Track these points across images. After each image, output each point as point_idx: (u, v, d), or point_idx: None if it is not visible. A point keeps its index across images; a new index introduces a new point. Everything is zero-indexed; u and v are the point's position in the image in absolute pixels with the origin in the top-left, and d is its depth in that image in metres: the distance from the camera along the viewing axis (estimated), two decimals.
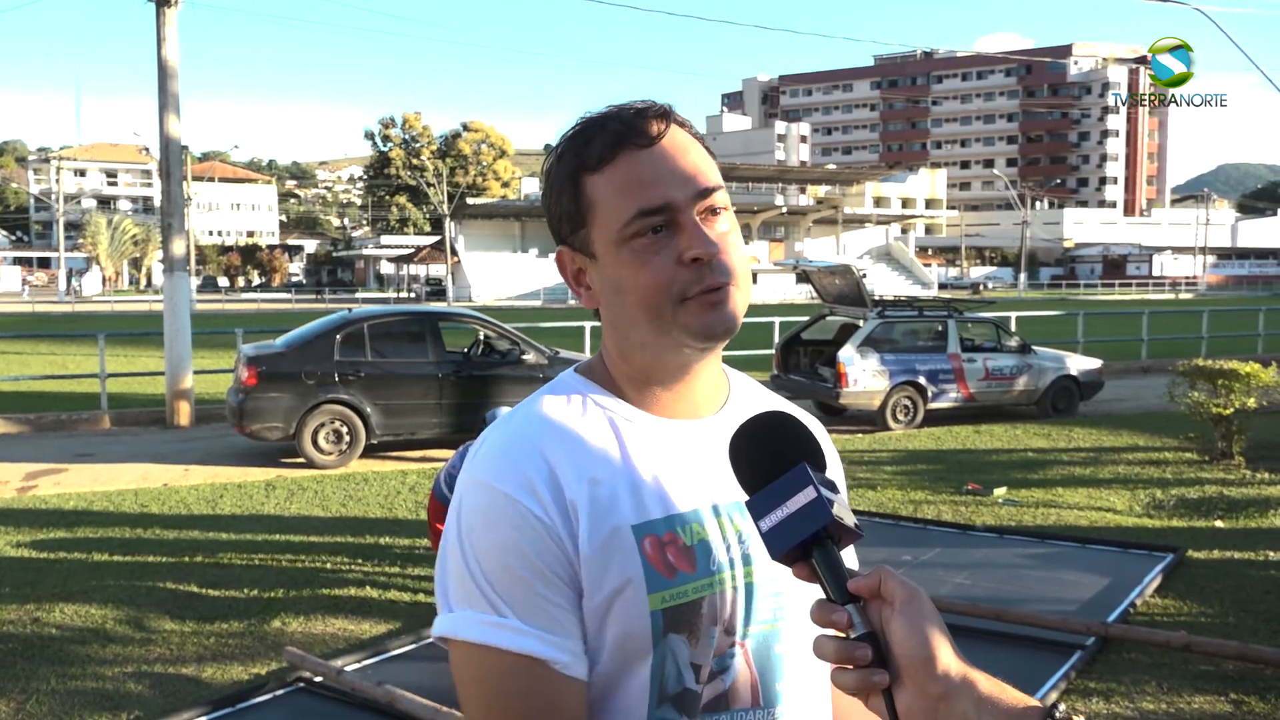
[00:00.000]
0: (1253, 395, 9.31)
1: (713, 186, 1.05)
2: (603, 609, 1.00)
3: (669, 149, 1.04)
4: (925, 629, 0.82)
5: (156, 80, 12.95)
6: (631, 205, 1.02)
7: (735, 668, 1.05)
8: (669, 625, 1.01)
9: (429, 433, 10.52)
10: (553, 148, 1.10)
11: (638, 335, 1.07)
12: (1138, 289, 75.76)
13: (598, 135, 1.05)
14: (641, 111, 1.06)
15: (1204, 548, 6.56)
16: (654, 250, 1.02)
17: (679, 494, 1.05)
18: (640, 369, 1.09)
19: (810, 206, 71.31)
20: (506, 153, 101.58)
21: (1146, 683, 4.37)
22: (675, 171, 1.03)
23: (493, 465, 1.02)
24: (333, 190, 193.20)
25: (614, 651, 1.02)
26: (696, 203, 1.03)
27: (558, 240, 1.11)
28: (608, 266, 1.06)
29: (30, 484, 9.13)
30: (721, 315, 1.03)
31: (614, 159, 1.04)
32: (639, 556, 1.00)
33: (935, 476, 9.02)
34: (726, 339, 1.06)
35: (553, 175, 1.09)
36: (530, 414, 1.08)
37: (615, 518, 1.01)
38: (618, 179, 1.03)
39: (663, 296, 1.02)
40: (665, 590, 1.01)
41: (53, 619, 5.30)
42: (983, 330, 13.72)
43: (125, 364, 17.54)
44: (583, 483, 1.01)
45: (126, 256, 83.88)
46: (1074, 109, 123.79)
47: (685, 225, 1.03)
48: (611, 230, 1.04)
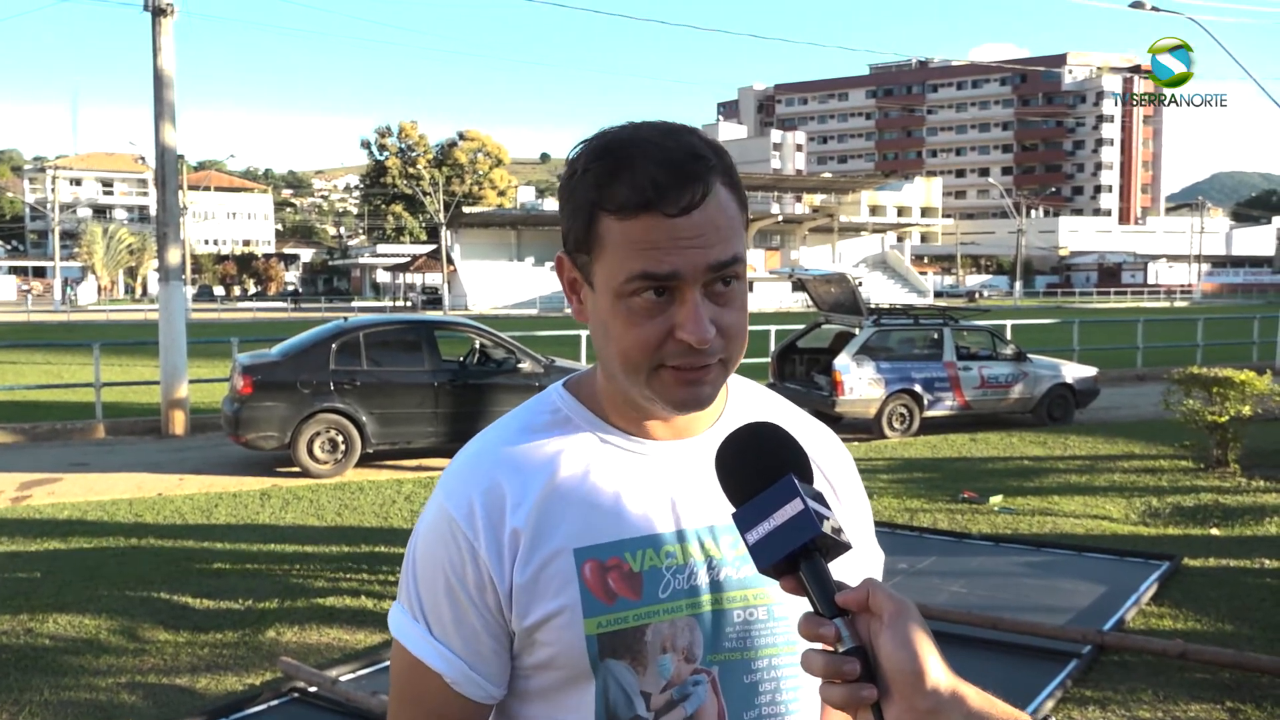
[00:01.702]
0: (1248, 403, 9.31)
1: (729, 259, 0.99)
2: (535, 631, 1.03)
3: (696, 218, 0.98)
4: (914, 643, 0.81)
5: (152, 89, 12.95)
6: (637, 265, 0.98)
7: (699, 696, 1.04)
8: (606, 650, 1.01)
9: (425, 442, 10.51)
10: (576, 157, 1.03)
11: (616, 378, 1.05)
12: (1133, 297, 75.89)
13: (625, 179, 0.97)
14: (682, 171, 0.97)
15: (1200, 556, 6.55)
16: (648, 315, 0.99)
17: (636, 518, 1.04)
18: (624, 396, 1.08)
19: (806, 215, 71.39)
20: (503, 161, 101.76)
21: (1142, 691, 4.37)
22: (695, 241, 0.97)
23: (449, 481, 1.08)
24: (329, 199, 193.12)
25: (550, 673, 1.04)
26: (708, 275, 0.99)
27: (564, 247, 1.07)
28: (602, 309, 1.03)
29: (25, 494, 9.11)
30: (695, 394, 1.02)
31: (634, 215, 0.97)
32: (577, 581, 1.02)
33: (931, 485, 9.02)
34: (698, 411, 1.05)
35: (571, 193, 1.03)
36: (499, 431, 1.11)
37: (558, 541, 1.02)
38: (633, 234, 0.98)
39: (642, 359, 1.00)
40: (603, 615, 1.01)
41: (46, 629, 5.27)
42: (978, 338, 13.74)
43: (120, 373, 17.52)
44: (530, 505, 1.03)
45: (122, 265, 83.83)
46: (1069, 117, 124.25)
47: (687, 301, 0.98)
48: (613, 279, 1.00)
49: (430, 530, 1.06)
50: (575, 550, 1.02)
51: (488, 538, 1.02)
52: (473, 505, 1.03)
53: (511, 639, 1.05)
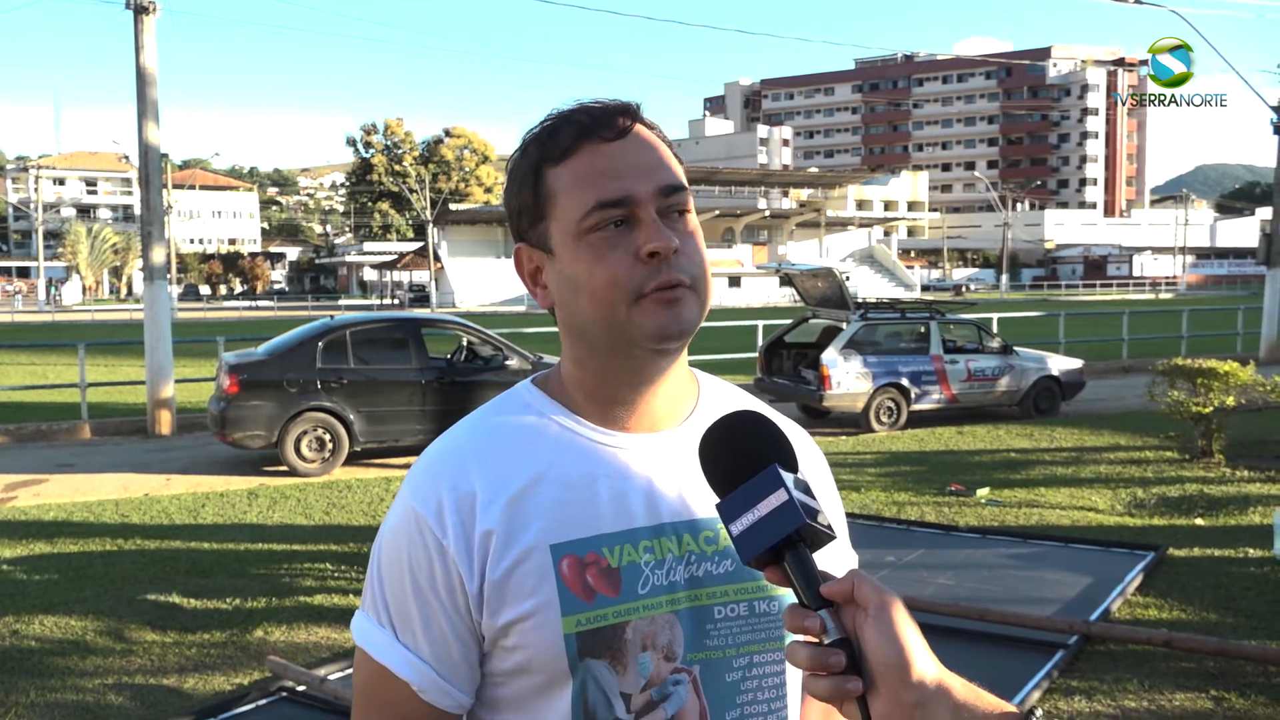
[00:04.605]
0: (1232, 394, 9.38)
1: (677, 184, 1.02)
2: (509, 632, 0.99)
3: (634, 144, 1.02)
4: (899, 635, 0.80)
5: (135, 88, 12.88)
6: (591, 196, 0.99)
7: (680, 696, 1.01)
8: (585, 650, 0.98)
9: (412, 440, 10.49)
10: (516, 150, 1.08)
11: (591, 338, 1.03)
12: (1118, 289, 76.28)
13: (562, 127, 1.03)
14: (608, 107, 1.04)
15: (1185, 546, 6.60)
16: (611, 245, 0.99)
17: (612, 514, 1.01)
18: (595, 376, 1.05)
19: (793, 210, 71.51)
20: (489, 158, 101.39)
21: (1128, 680, 4.39)
22: (638, 165, 1.01)
23: (416, 479, 1.04)
24: (315, 197, 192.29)
25: (524, 678, 1.00)
26: (659, 200, 1.00)
27: (516, 238, 1.08)
28: (564, 261, 1.02)
29: (10, 495, 9.06)
30: (675, 315, 0.99)
31: (577, 150, 1.01)
32: (554, 578, 0.98)
33: (918, 478, 9.05)
34: (680, 342, 1.02)
35: (515, 169, 1.06)
36: (468, 428, 1.08)
37: (532, 537, 0.99)
38: (579, 170, 1.00)
39: (617, 293, 0.99)
40: (581, 613, 0.98)
41: (32, 631, 5.25)
42: (965, 332, 13.79)
43: (106, 373, 17.41)
44: (502, 503, 1.00)
45: (107, 265, 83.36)
46: (1053, 111, 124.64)
47: (644, 220, 0.99)
48: (570, 222, 1.00)
49: (395, 531, 1.02)
50: (551, 546, 0.99)
51: (457, 536, 0.99)
52: (441, 504, 1.00)
53: (481, 643, 1.02)
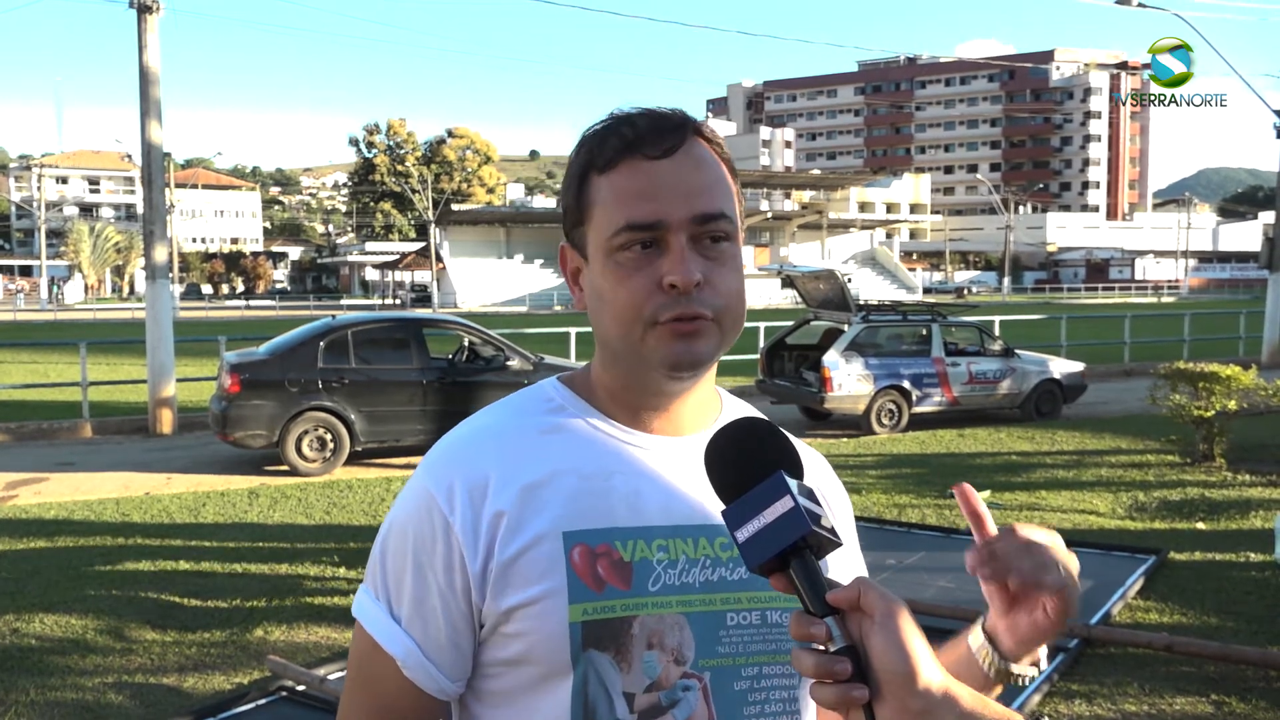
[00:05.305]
0: (1233, 398, 9.37)
1: (714, 213, 0.99)
2: (513, 615, 0.97)
3: (679, 164, 0.99)
4: (906, 643, 0.79)
5: (138, 87, 12.90)
6: (622, 215, 0.98)
7: (690, 703, 0.99)
8: (590, 641, 0.96)
9: (413, 439, 10.49)
10: (578, 139, 1.07)
11: (613, 349, 1.03)
12: (1120, 292, 76.19)
13: (610, 137, 1.00)
14: (661, 123, 1.01)
15: (1186, 549, 6.59)
16: (636, 267, 0.98)
17: (628, 509, 1.01)
18: (620, 383, 1.06)
19: (795, 212, 71.47)
20: (491, 159, 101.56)
21: (1129, 684, 4.39)
22: (678, 188, 0.98)
23: (433, 462, 1.04)
24: (317, 197, 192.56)
25: (523, 669, 0.99)
26: (692, 227, 0.98)
27: (565, 235, 1.08)
28: (595, 273, 1.02)
29: (11, 494, 9.06)
30: (688, 348, 0.98)
31: (619, 164, 0.99)
32: (565, 564, 0.97)
33: (919, 480, 9.05)
34: (693, 373, 1.01)
35: (569, 166, 1.05)
36: (489, 417, 1.07)
37: (545, 523, 0.98)
38: (618, 185, 0.99)
39: (634, 316, 0.98)
40: (589, 603, 0.97)
41: (32, 629, 5.25)
42: (966, 334, 13.78)
43: (107, 372, 17.43)
44: (516, 488, 0.99)
45: (109, 264, 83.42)
46: (1056, 114, 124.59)
47: (672, 248, 0.97)
48: (602, 237, 1.00)
49: (405, 508, 1.02)
50: (564, 534, 0.98)
51: (465, 516, 0.98)
52: (453, 486, 0.99)
53: (477, 631, 1.00)
